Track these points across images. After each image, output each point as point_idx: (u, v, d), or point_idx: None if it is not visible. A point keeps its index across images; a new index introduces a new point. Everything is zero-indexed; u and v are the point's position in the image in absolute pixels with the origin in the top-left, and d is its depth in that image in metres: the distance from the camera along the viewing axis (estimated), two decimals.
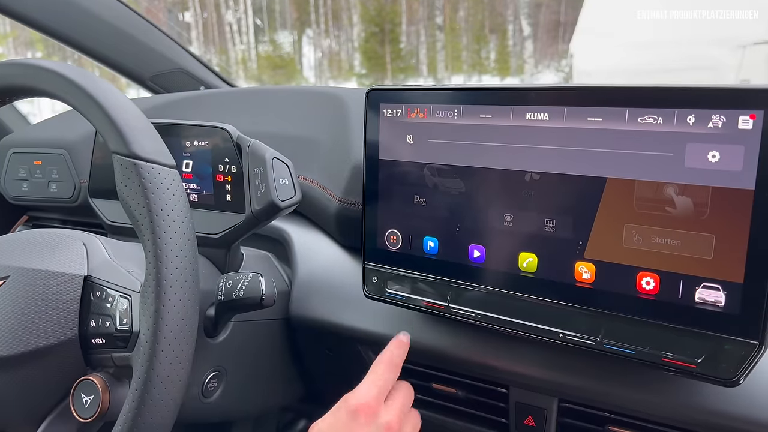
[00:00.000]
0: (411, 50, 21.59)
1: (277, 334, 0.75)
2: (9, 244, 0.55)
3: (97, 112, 0.49)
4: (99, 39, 1.00)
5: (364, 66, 18.56)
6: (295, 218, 0.81)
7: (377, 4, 18.92)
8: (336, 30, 24.50)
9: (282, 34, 24.32)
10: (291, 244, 0.78)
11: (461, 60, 21.17)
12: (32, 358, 0.50)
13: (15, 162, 0.91)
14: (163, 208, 0.47)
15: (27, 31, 16.88)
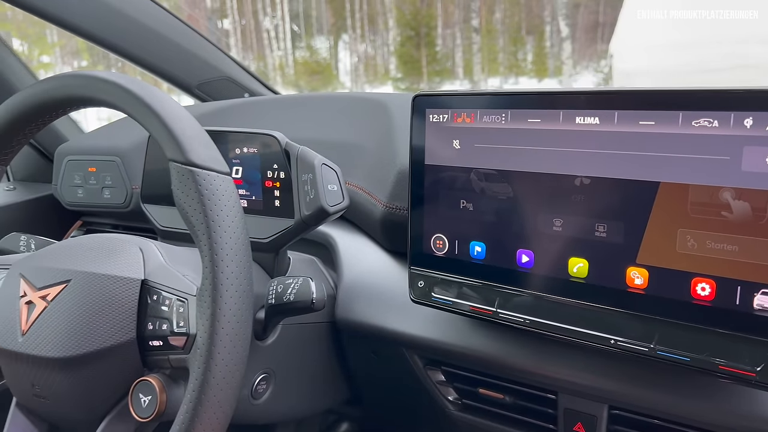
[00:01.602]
0: (447, 53, 21.54)
1: (323, 337, 0.76)
2: (70, 249, 0.58)
3: (155, 121, 0.51)
4: (148, 48, 1.03)
5: (400, 70, 18.58)
6: (340, 223, 0.82)
7: (413, 8, 18.94)
8: (372, 34, 24.61)
9: (318, 40, 24.55)
10: (336, 249, 0.79)
11: (498, 62, 21.01)
12: (93, 359, 0.52)
13: (70, 169, 0.95)
14: (219, 214, 0.48)
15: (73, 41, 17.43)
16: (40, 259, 0.58)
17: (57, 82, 0.56)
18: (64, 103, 0.57)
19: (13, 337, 0.54)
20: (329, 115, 0.91)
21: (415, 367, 0.71)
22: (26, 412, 0.58)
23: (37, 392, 0.55)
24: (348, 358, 0.79)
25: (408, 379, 0.72)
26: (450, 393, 0.70)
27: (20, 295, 0.55)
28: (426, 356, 0.70)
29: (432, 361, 0.69)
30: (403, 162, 0.71)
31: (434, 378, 0.70)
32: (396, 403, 0.81)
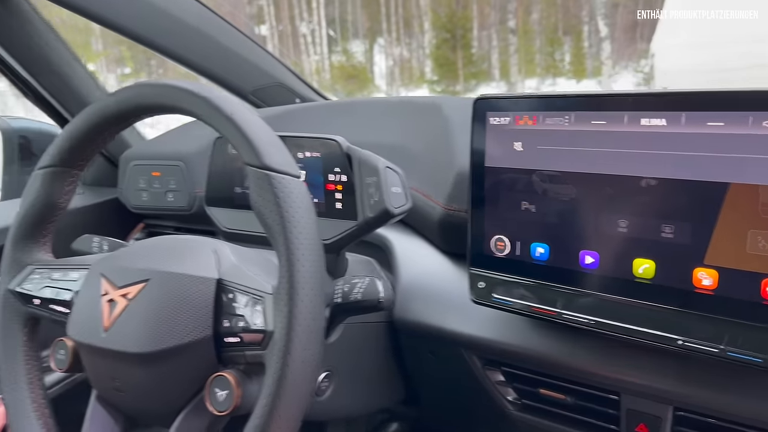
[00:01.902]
0: (483, 55, 21.42)
1: (381, 337, 0.78)
2: (148, 250, 0.60)
3: (231, 127, 0.53)
4: (206, 55, 1.07)
5: (436, 72, 18.56)
6: (395, 225, 0.83)
7: (448, 11, 18.90)
8: (407, 38, 24.63)
9: (354, 44, 24.70)
10: (392, 250, 0.80)
11: (535, 63, 20.80)
12: (171, 354, 0.54)
13: (135, 174, 0.98)
14: (294, 216, 0.50)
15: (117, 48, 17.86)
16: (120, 259, 0.60)
17: (134, 91, 0.59)
18: (141, 111, 0.59)
19: (96, 333, 0.56)
20: (382, 118, 0.92)
21: (473, 367, 0.71)
22: (105, 404, 0.61)
23: (117, 386, 0.57)
24: (405, 358, 0.81)
25: (466, 379, 0.73)
26: (509, 393, 0.70)
27: (102, 293, 0.58)
28: (485, 356, 0.70)
29: (491, 361, 0.70)
30: (461, 164, 0.72)
31: (493, 378, 0.71)
32: (453, 403, 0.82)
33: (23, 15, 0.88)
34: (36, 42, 0.91)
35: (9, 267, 0.65)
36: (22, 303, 0.65)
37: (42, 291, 0.64)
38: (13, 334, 0.65)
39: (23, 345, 0.65)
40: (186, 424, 0.56)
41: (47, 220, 0.66)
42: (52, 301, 0.63)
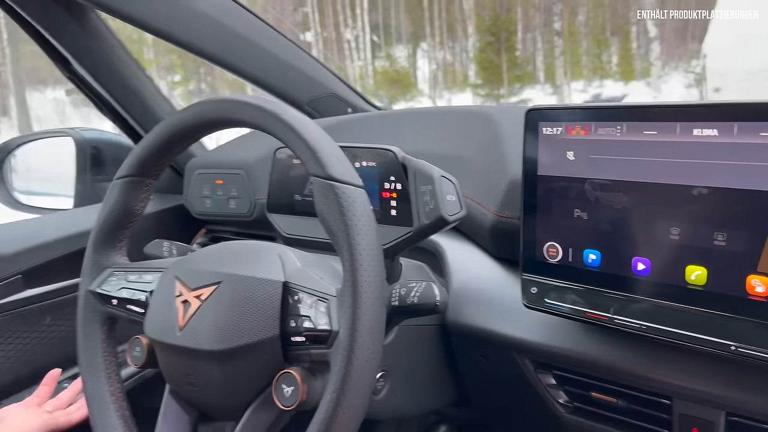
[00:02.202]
0: (527, 58, 21.21)
1: (434, 340, 0.80)
2: (218, 254, 0.64)
3: (297, 140, 0.57)
4: (263, 67, 1.11)
5: (480, 76, 18.46)
6: (446, 231, 0.86)
7: (492, 14, 18.80)
8: (450, 41, 24.60)
9: (397, 49, 24.81)
10: (444, 256, 0.82)
11: (581, 65, 20.48)
12: (241, 352, 0.58)
13: (199, 181, 1.04)
14: (357, 224, 0.53)
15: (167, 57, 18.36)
16: (192, 263, 0.65)
17: (206, 106, 0.63)
18: (212, 125, 0.64)
19: (171, 331, 0.61)
20: (433, 128, 0.95)
21: (525, 371, 0.73)
22: (178, 398, 0.65)
23: (191, 381, 0.62)
24: (457, 361, 0.83)
25: (517, 382, 0.75)
26: (561, 396, 0.72)
27: (176, 294, 0.62)
28: (537, 360, 0.72)
29: (542, 364, 0.72)
30: (513, 172, 0.74)
31: (545, 381, 0.72)
32: (503, 405, 0.84)
33: (100, 35, 0.94)
34: (111, 60, 0.97)
35: (90, 269, 0.71)
36: (101, 303, 0.70)
37: (119, 292, 0.69)
38: (93, 332, 0.70)
39: (102, 342, 0.70)
40: (254, 418, 0.60)
41: (124, 226, 0.71)
42: (129, 301, 0.68)
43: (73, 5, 0.89)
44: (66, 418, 0.81)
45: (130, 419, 0.67)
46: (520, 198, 0.66)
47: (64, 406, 0.83)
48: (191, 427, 0.66)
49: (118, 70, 0.98)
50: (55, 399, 0.83)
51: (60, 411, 0.81)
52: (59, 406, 0.82)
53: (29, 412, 0.78)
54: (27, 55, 18.57)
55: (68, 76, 0.99)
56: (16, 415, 0.76)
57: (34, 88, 20.46)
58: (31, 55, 18.53)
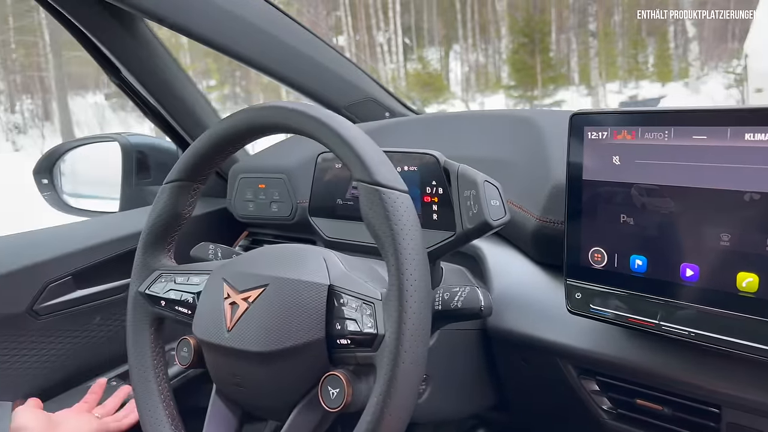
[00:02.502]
0: (561, 59, 20.97)
1: (475, 344, 0.80)
2: (264, 257, 0.66)
3: (343, 146, 0.58)
4: (302, 71, 1.12)
5: (513, 78, 18.31)
6: (487, 235, 0.86)
7: (526, 15, 18.63)
8: (483, 43, 24.48)
9: (430, 51, 24.80)
10: (485, 260, 0.82)
11: (616, 66, 20.16)
12: (288, 354, 0.59)
13: (243, 186, 1.06)
14: (403, 228, 0.54)
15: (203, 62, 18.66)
16: (239, 265, 0.66)
17: (254, 113, 0.65)
18: (258, 131, 0.65)
19: (219, 333, 0.62)
20: (473, 132, 0.95)
21: (567, 376, 0.73)
22: (224, 398, 0.67)
23: (237, 381, 0.63)
24: (497, 365, 0.83)
25: (559, 388, 0.75)
26: (604, 402, 0.71)
27: (224, 296, 0.64)
28: (580, 366, 0.72)
29: (586, 370, 0.71)
30: (557, 177, 0.74)
31: (588, 387, 0.72)
32: (545, 410, 0.83)
33: (149, 44, 0.97)
34: (159, 68, 1.00)
35: (139, 271, 0.73)
36: (150, 304, 0.72)
37: (167, 293, 0.71)
38: (143, 332, 0.72)
39: (151, 342, 0.72)
40: (300, 419, 0.61)
41: (173, 229, 0.73)
42: (176, 302, 0.70)
43: (123, 15, 0.92)
44: (116, 424, 0.83)
45: (177, 417, 0.69)
46: (564, 202, 0.66)
47: (110, 413, 0.85)
48: (237, 426, 0.67)
49: (166, 78, 1.01)
50: (102, 406, 0.85)
51: (109, 417, 0.84)
52: (107, 413, 0.84)
53: (81, 417, 0.80)
54: (69, 62, 19.13)
55: (117, 84, 1.02)
56: (71, 420, 0.79)
57: (76, 93, 21.05)
58: (72, 61, 19.06)
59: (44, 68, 19.46)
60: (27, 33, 19.55)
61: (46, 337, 0.93)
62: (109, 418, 0.83)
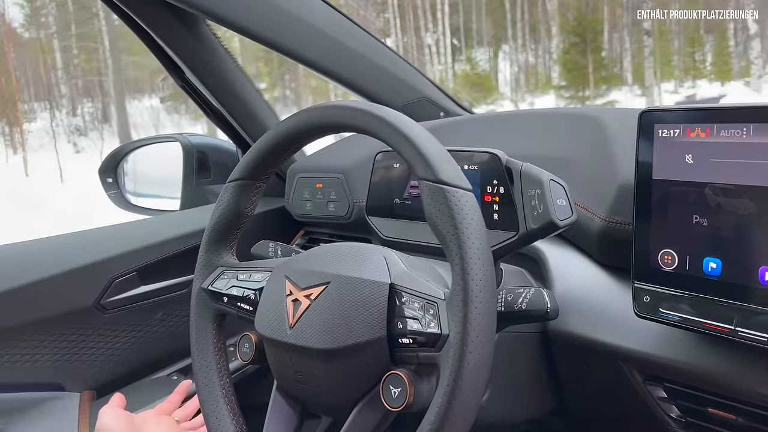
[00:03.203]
0: (614, 58, 20.49)
1: (535, 347, 0.79)
2: (326, 255, 0.66)
3: (407, 144, 0.58)
4: (358, 71, 1.13)
5: (563, 78, 17.98)
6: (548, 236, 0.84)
7: (578, 14, 18.26)
8: (533, 43, 24.14)
9: (478, 52, 24.60)
10: (546, 262, 0.81)
11: (672, 65, 19.55)
12: (350, 352, 0.59)
13: (301, 185, 1.07)
14: (468, 227, 0.53)
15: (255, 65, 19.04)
16: (301, 263, 0.67)
17: (315, 112, 0.65)
18: (321, 129, 0.65)
19: (282, 329, 0.63)
20: (534, 131, 0.93)
21: (633, 382, 0.71)
22: (285, 395, 0.68)
23: (299, 378, 0.63)
24: (557, 369, 0.81)
25: (623, 393, 0.72)
26: (672, 410, 0.69)
27: (287, 293, 0.64)
28: (646, 371, 0.69)
29: (653, 376, 0.69)
30: (624, 176, 0.72)
31: (655, 394, 0.69)
32: (607, 417, 0.81)
33: (212, 46, 0.99)
34: (222, 70, 1.02)
35: (203, 268, 0.74)
36: (212, 300, 0.73)
37: (230, 290, 0.72)
38: (205, 327, 0.73)
39: (213, 337, 0.73)
40: (360, 417, 0.60)
41: (235, 227, 0.74)
42: (239, 298, 0.71)
43: (186, 16, 0.94)
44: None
45: (238, 411, 0.70)
46: (631, 203, 0.64)
47: (189, 417, 0.85)
48: (297, 422, 0.67)
49: (227, 78, 1.03)
50: (182, 408, 0.86)
51: (187, 423, 0.84)
52: (185, 417, 0.85)
53: (162, 420, 0.81)
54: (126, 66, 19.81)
55: (181, 85, 1.05)
56: (152, 423, 0.80)
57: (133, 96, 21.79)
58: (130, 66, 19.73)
59: (104, 73, 20.21)
60: (88, 39, 20.35)
61: (111, 331, 0.96)
62: (186, 424, 0.84)
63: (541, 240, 0.83)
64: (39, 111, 20.97)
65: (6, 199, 10.02)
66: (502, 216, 0.72)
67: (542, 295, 0.60)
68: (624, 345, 0.69)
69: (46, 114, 19.13)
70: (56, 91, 20.74)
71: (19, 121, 17.23)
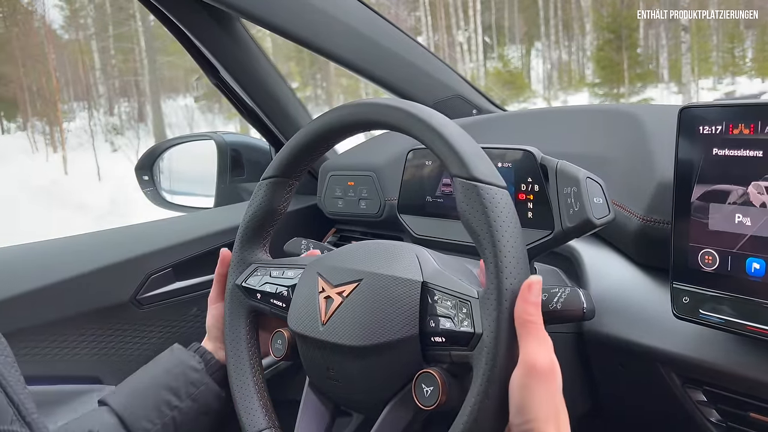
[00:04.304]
0: (650, 55, 20.09)
1: (569, 348, 0.78)
2: (358, 253, 0.66)
3: (440, 141, 0.57)
4: (389, 68, 1.12)
5: (597, 75, 17.70)
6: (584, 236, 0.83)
7: (612, 10, 17.94)
8: (566, 40, 23.81)
9: (510, 49, 24.38)
10: (581, 261, 0.79)
11: (710, 61, 19.08)
12: (381, 349, 0.59)
13: (333, 183, 1.08)
14: (502, 225, 0.53)
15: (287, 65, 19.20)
16: (333, 260, 0.67)
17: (348, 110, 0.65)
18: (354, 127, 0.65)
19: (314, 326, 0.63)
20: (569, 128, 0.92)
21: (671, 385, 0.69)
22: (317, 391, 0.68)
23: (331, 375, 0.63)
24: (592, 371, 0.79)
25: (661, 396, 0.71)
26: (712, 414, 0.67)
27: (319, 290, 0.65)
28: (685, 374, 0.68)
29: (692, 379, 0.67)
30: (663, 174, 0.70)
31: (694, 398, 0.68)
32: (643, 420, 0.79)
33: (246, 45, 1.00)
34: (255, 69, 1.03)
35: (237, 265, 0.75)
36: (246, 297, 0.74)
37: (263, 286, 0.72)
38: (239, 323, 0.74)
39: (246, 333, 0.74)
40: (392, 415, 0.60)
41: (269, 224, 0.74)
42: (272, 295, 0.71)
43: (220, 15, 0.96)
44: None
45: (271, 408, 0.71)
46: (671, 201, 0.63)
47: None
48: (329, 419, 0.68)
49: (261, 77, 1.04)
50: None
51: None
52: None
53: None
54: (162, 67, 20.17)
55: (215, 84, 1.06)
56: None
57: (168, 96, 22.18)
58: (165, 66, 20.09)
59: (140, 73, 20.62)
60: (125, 40, 20.78)
61: (147, 326, 0.98)
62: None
63: (577, 239, 0.82)
64: (78, 110, 21.51)
65: (48, 196, 10.30)
66: (537, 214, 0.71)
67: (578, 294, 0.59)
68: (662, 347, 0.68)
69: (85, 113, 19.60)
70: (94, 91, 21.27)
71: (59, 121, 17.70)
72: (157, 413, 0.69)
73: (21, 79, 19.84)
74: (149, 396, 0.70)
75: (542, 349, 0.51)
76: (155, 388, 0.70)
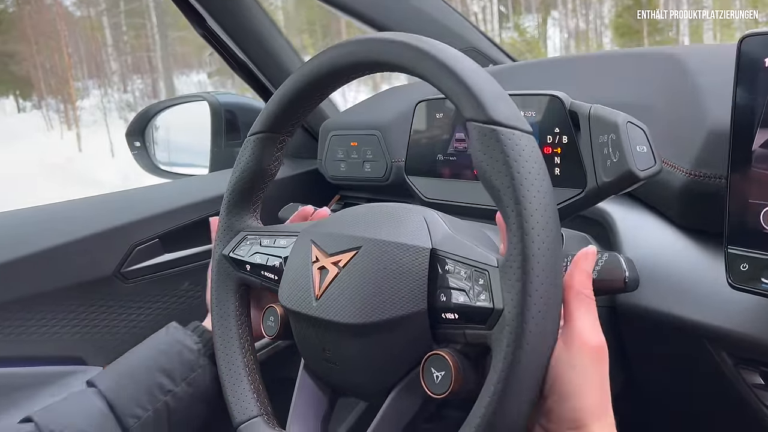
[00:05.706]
0: (670, 21, 19.58)
1: (601, 324, 0.68)
2: (357, 217, 0.57)
3: (450, 79, 0.47)
4: (403, 20, 1.04)
5: (616, 43, 17.29)
6: (616, 195, 0.73)
7: None
8: (583, 8, 23.27)
9: (526, 19, 23.90)
10: (613, 225, 0.70)
11: (732, 27, 18.53)
12: (383, 327, 0.51)
13: (334, 144, 0.99)
14: (527, 177, 0.43)
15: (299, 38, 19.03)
16: (328, 226, 0.58)
17: (341, 50, 0.55)
18: (348, 70, 0.56)
19: (307, 301, 0.55)
20: (602, 74, 0.82)
21: (721, 365, 0.60)
22: (313, 375, 0.60)
23: (327, 357, 0.55)
24: (627, 349, 0.70)
25: (708, 378, 0.62)
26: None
27: (312, 260, 0.56)
28: (737, 354, 0.59)
29: (746, 360, 0.58)
30: (715, 121, 0.60)
31: (749, 380, 0.58)
32: (685, 404, 0.71)
33: None
34: (246, 18, 0.94)
35: (223, 233, 0.66)
36: (234, 268, 0.65)
37: (252, 257, 0.64)
38: (227, 298, 0.66)
39: (235, 309, 0.66)
40: (397, 404, 0.52)
41: (258, 187, 0.66)
42: (263, 267, 0.63)
43: None
44: None
45: (263, 392, 0.63)
46: (726, 152, 0.53)
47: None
48: (327, 406, 0.60)
49: (253, 28, 0.95)
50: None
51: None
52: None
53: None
54: (174, 42, 20.08)
55: (201, 34, 0.97)
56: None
57: (181, 72, 22.13)
58: (177, 41, 19.99)
59: (152, 49, 20.55)
60: (136, 15, 20.69)
61: (134, 302, 0.90)
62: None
63: (608, 200, 0.72)
64: (91, 88, 21.55)
65: (63, 173, 10.36)
66: (565, 170, 0.61)
67: (618, 261, 0.50)
68: (711, 322, 0.59)
69: (98, 91, 19.63)
70: (107, 67, 21.23)
71: (72, 99, 17.74)
72: (149, 398, 0.62)
73: (34, 56, 19.86)
74: (141, 379, 0.63)
75: (597, 328, 0.47)
76: (148, 370, 0.63)
